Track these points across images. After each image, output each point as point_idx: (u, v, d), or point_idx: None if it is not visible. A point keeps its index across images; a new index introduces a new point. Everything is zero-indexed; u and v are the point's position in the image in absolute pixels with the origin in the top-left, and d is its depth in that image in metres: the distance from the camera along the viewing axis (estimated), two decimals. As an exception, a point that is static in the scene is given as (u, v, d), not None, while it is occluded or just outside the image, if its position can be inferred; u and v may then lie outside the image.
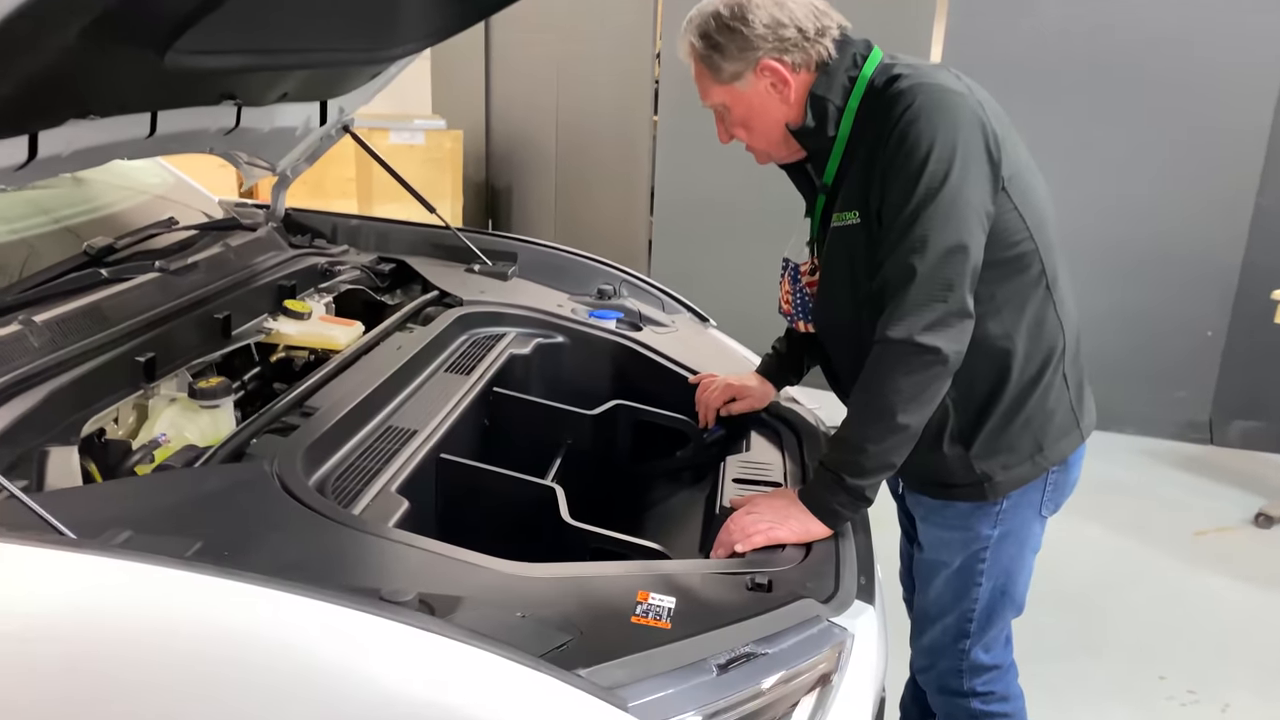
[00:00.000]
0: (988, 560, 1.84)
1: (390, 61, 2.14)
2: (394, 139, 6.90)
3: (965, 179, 1.56)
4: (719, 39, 1.64)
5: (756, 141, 1.75)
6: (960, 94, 1.61)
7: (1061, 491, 1.86)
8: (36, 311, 1.62)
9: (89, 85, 1.40)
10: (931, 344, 1.55)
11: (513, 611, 1.20)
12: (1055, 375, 1.76)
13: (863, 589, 1.49)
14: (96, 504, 1.26)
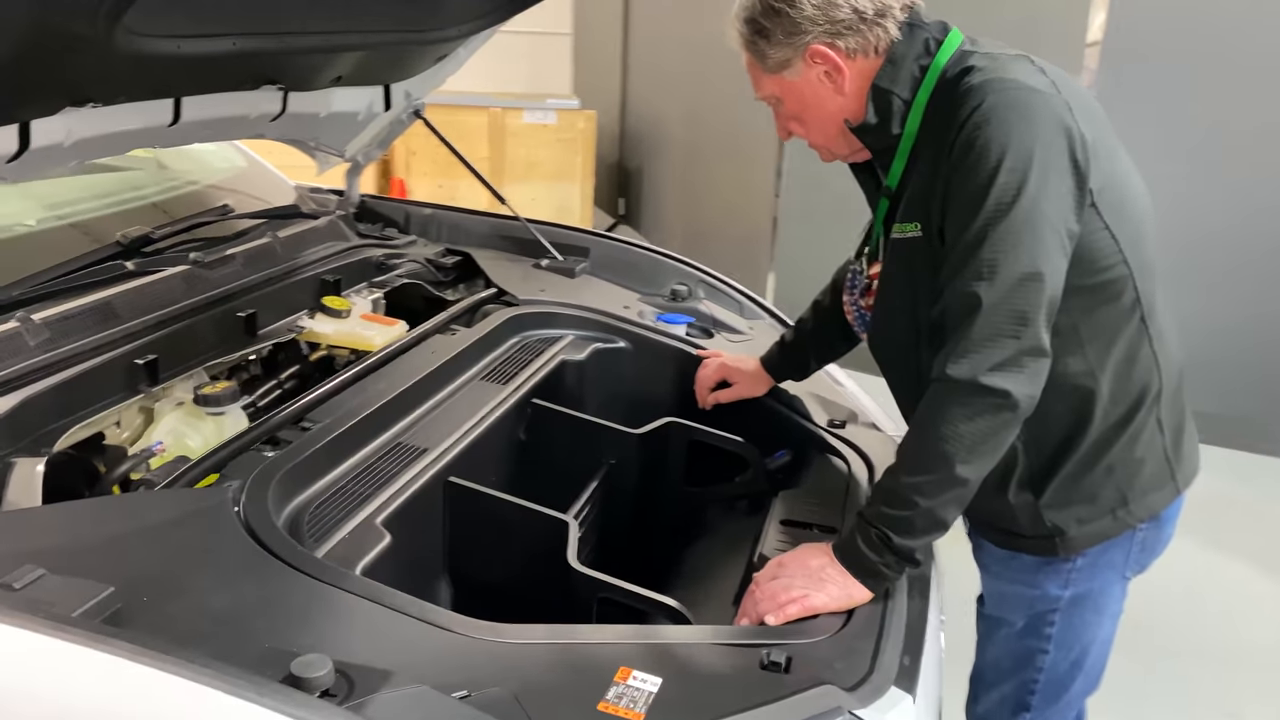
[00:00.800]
0: (1057, 625, 1.60)
1: (439, 43, 2.00)
2: (527, 118, 6.85)
3: (1043, 193, 1.31)
4: (765, 23, 1.45)
5: (814, 137, 1.54)
6: (1041, 92, 1.35)
7: (1150, 551, 1.59)
8: (42, 308, 1.55)
9: (67, 71, 1.30)
10: (999, 386, 1.30)
11: (455, 689, 1.03)
12: (1148, 419, 1.50)
13: (904, 671, 1.26)
14: (21, 532, 1.16)
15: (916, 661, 1.31)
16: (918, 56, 1.43)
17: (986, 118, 1.33)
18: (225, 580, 1.13)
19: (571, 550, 1.43)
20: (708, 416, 1.95)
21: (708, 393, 1.96)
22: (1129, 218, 1.43)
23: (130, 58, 1.28)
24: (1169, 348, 1.52)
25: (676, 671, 1.15)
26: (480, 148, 6.76)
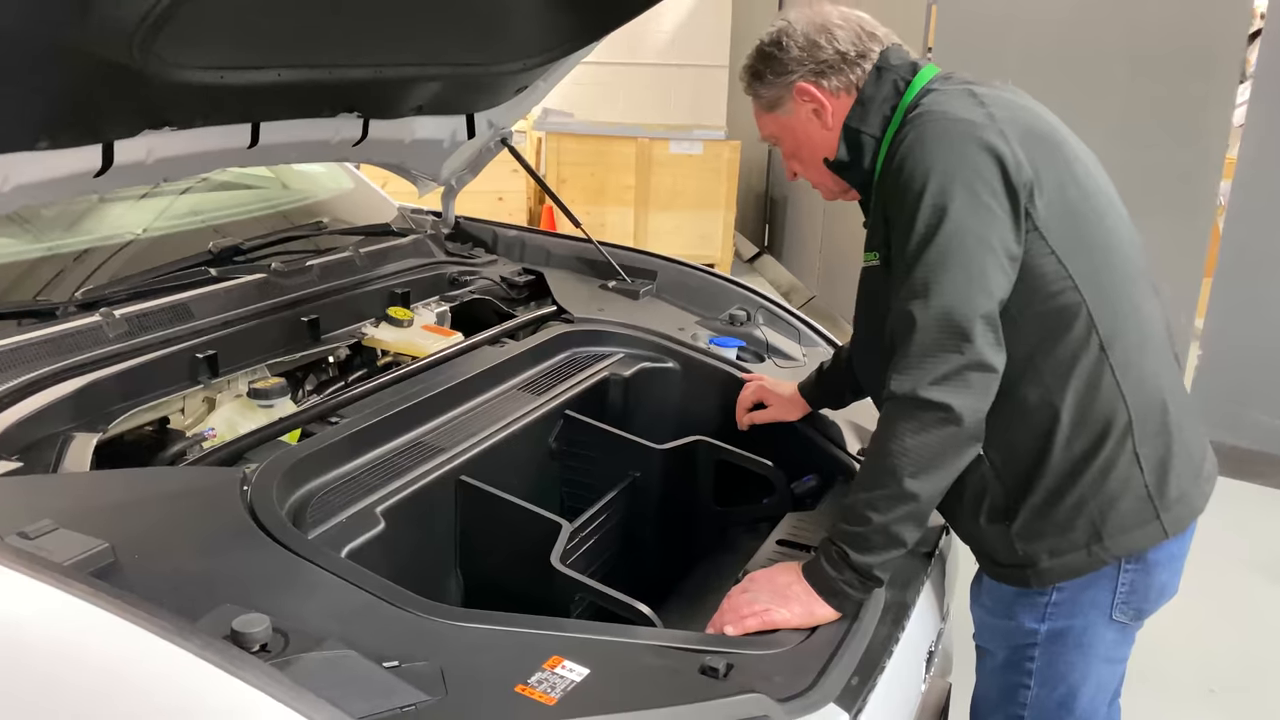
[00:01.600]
0: (1037, 661, 1.57)
1: (510, 75, 2.13)
2: (674, 148, 7.01)
3: (970, 214, 1.35)
4: (759, 66, 1.58)
5: (810, 174, 1.63)
6: (968, 120, 1.40)
7: (1143, 596, 1.54)
8: (127, 305, 1.77)
9: (136, 97, 1.50)
10: (940, 400, 1.33)
11: (388, 660, 1.13)
12: (1119, 453, 1.47)
13: (849, 691, 1.29)
14: (58, 491, 1.34)
15: (867, 684, 1.33)
16: (886, 98, 1.51)
17: (911, 148, 1.40)
18: (213, 549, 1.27)
19: (557, 551, 1.52)
20: (744, 439, 2.00)
21: (744, 413, 2.02)
22: (1086, 246, 1.44)
23: (183, 86, 1.47)
24: (1142, 380, 1.48)
25: (609, 666, 1.21)
26: (627, 177, 6.97)
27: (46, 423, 1.49)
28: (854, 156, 1.54)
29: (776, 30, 1.57)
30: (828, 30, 1.52)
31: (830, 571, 1.40)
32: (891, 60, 1.53)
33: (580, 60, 2.29)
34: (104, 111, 1.52)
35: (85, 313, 1.72)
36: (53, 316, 1.69)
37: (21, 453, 1.43)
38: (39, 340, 1.62)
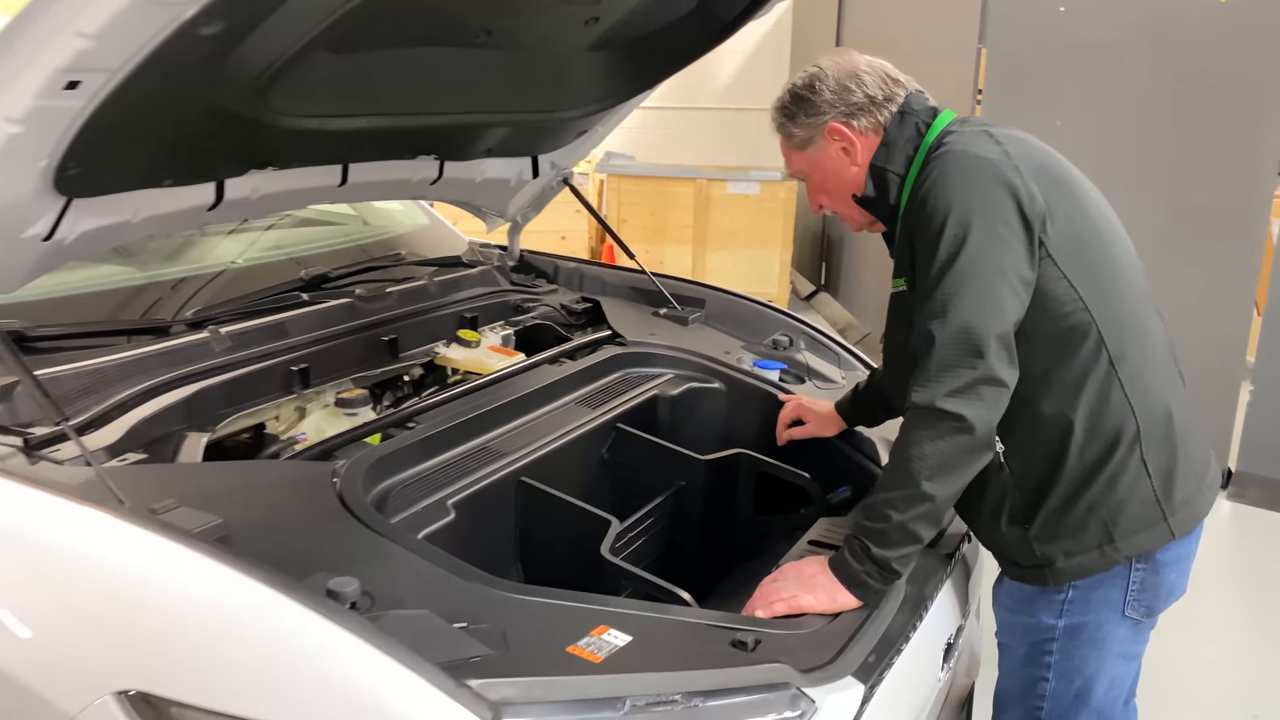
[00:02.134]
0: (1055, 655, 1.71)
1: (571, 121, 2.35)
2: (731, 189, 7.22)
3: (987, 243, 1.51)
4: (792, 108, 1.74)
5: (838, 207, 1.79)
6: (987, 159, 1.57)
7: (1153, 594, 1.67)
8: (231, 324, 2.00)
9: (245, 142, 1.73)
10: (955, 411, 1.48)
11: (458, 621, 1.32)
12: (1128, 460, 1.61)
13: (866, 666, 1.44)
14: (177, 478, 1.56)
15: (883, 662, 1.48)
16: (909, 139, 1.67)
17: (935, 182, 1.56)
18: (309, 528, 1.47)
19: (606, 544, 1.69)
20: (784, 453, 2.16)
21: (784, 429, 2.18)
22: (1093, 269, 1.59)
23: (286, 132, 1.69)
24: (1148, 392, 1.62)
25: (649, 636, 1.38)
26: (685, 216, 7.19)
27: (165, 422, 1.71)
28: (880, 192, 1.70)
29: (809, 75, 1.74)
30: (856, 76, 1.69)
31: (853, 564, 1.55)
32: (913, 105, 1.70)
33: (635, 106, 2.50)
34: (219, 154, 1.76)
35: (194, 330, 1.95)
36: (165, 333, 1.93)
37: (146, 446, 1.65)
38: (157, 353, 1.85)
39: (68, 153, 1.41)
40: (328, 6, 1.37)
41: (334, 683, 1.16)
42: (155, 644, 1.20)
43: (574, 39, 2.08)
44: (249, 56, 1.44)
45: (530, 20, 1.92)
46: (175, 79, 1.37)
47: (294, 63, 1.48)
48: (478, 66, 1.97)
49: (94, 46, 1.23)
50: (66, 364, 1.72)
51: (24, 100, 1.27)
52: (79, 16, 1.20)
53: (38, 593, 1.26)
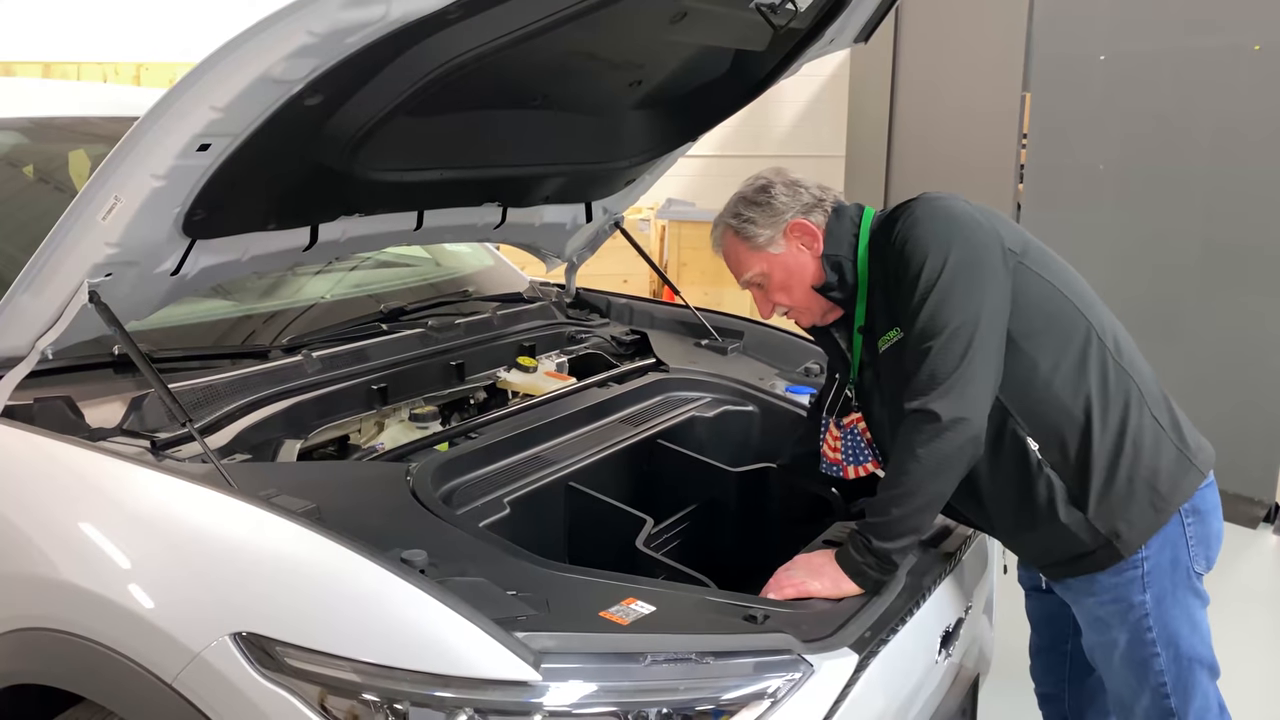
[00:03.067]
0: (1154, 629, 1.87)
1: (621, 170, 2.62)
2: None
3: (966, 263, 1.75)
4: (750, 213, 1.94)
5: (798, 301, 1.96)
6: (951, 201, 1.82)
7: (1207, 544, 1.89)
8: (321, 348, 2.30)
9: (336, 192, 2.03)
10: (937, 410, 1.71)
11: (511, 590, 1.57)
12: (1142, 420, 1.85)
13: (862, 641, 1.65)
14: (278, 473, 1.85)
15: (878, 639, 1.69)
16: (848, 230, 1.92)
17: (911, 226, 1.80)
18: (388, 515, 1.74)
19: (641, 538, 1.93)
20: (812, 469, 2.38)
21: None
22: (1059, 270, 1.85)
23: (372, 183, 1.99)
24: (1134, 361, 1.89)
25: (671, 608, 1.61)
26: (743, 259, 7.44)
27: (265, 430, 2.01)
28: (839, 275, 1.92)
29: (758, 184, 1.96)
30: (797, 182, 1.95)
31: (856, 556, 1.77)
32: (842, 203, 1.96)
33: (680, 156, 2.77)
34: (315, 202, 2.06)
35: (290, 354, 2.25)
36: (266, 356, 2.23)
37: (250, 449, 1.94)
38: (259, 373, 2.15)
39: (195, 201, 1.72)
40: (405, 81, 1.66)
41: (407, 628, 1.42)
42: (263, 595, 1.47)
43: (620, 99, 2.36)
44: (343, 122, 1.74)
45: (581, 85, 2.20)
46: (283, 140, 1.67)
47: (379, 126, 1.78)
48: (536, 125, 2.25)
49: (223, 116, 1.54)
50: (185, 381, 2.03)
51: (166, 160, 1.58)
52: (212, 92, 1.51)
53: (169, 556, 1.55)
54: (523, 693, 1.40)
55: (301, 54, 1.46)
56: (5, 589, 1.65)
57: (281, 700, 1.41)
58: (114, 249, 1.69)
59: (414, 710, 1.40)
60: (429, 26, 1.51)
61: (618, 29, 1.92)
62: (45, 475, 1.73)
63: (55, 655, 1.59)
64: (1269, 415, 4.51)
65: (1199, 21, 4.56)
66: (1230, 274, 4.58)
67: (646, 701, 1.45)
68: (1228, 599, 3.95)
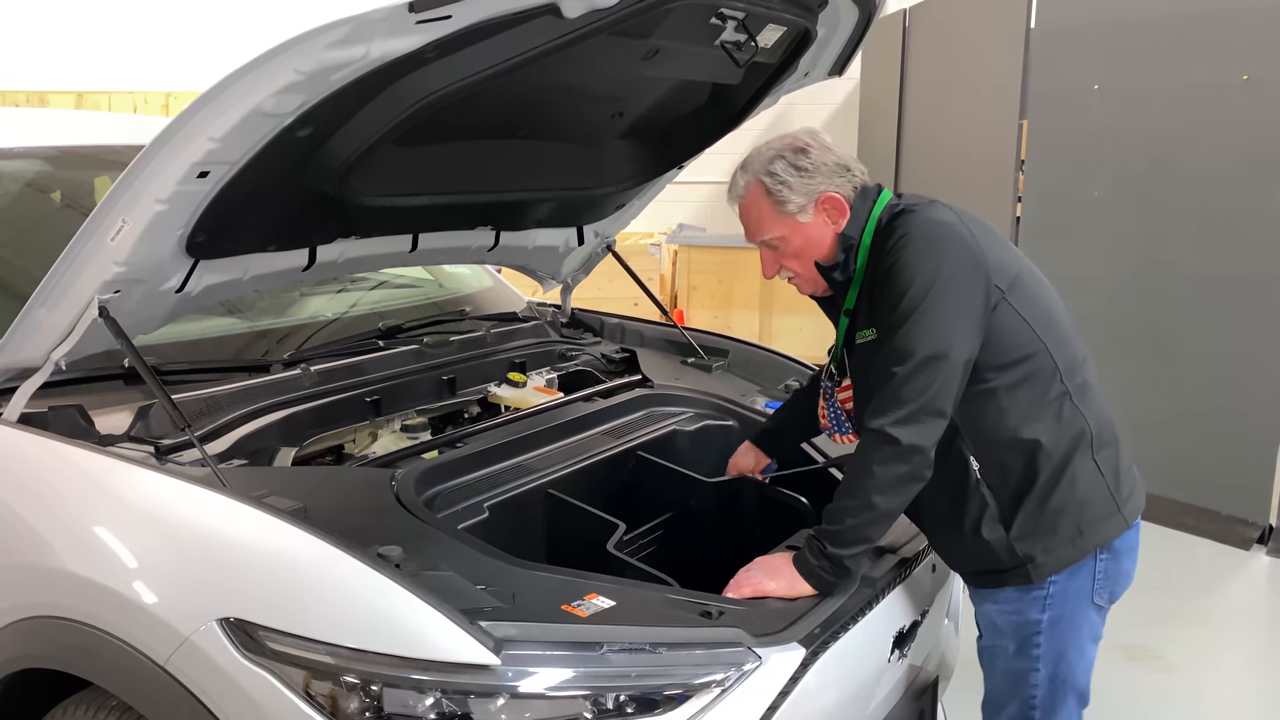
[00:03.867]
0: (1042, 646, 1.96)
1: (608, 196, 2.76)
2: (792, 257, 7.55)
3: (946, 295, 1.81)
4: (787, 176, 1.91)
5: (807, 270, 2.00)
6: (947, 223, 1.88)
7: (1115, 581, 1.96)
8: (319, 363, 2.43)
9: (333, 216, 2.18)
10: (896, 435, 1.79)
11: (477, 583, 1.69)
12: (1084, 462, 1.91)
13: (811, 636, 1.76)
14: (271, 477, 1.98)
15: (828, 636, 1.79)
16: (864, 212, 1.94)
17: (904, 244, 1.85)
18: (371, 516, 1.87)
19: (611, 542, 2.05)
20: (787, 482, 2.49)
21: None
22: (1039, 306, 1.91)
23: (365, 208, 2.13)
24: (1094, 404, 1.94)
25: (631, 603, 1.73)
26: (752, 283, 7.55)
27: (263, 439, 2.14)
28: (846, 257, 1.95)
29: (796, 144, 1.93)
30: (833, 150, 1.94)
31: (811, 559, 1.86)
32: (866, 180, 1.98)
33: (668, 182, 2.90)
34: (311, 226, 2.21)
35: (289, 368, 2.39)
36: (266, 370, 2.37)
37: (247, 456, 2.08)
38: (259, 385, 2.29)
39: (197, 224, 1.87)
40: (390, 114, 1.81)
41: (379, 615, 1.55)
42: (249, 584, 1.60)
43: (604, 129, 2.50)
44: (333, 150, 1.89)
45: (564, 117, 2.34)
46: (278, 168, 1.82)
47: (368, 154, 1.92)
48: (523, 153, 2.39)
49: (220, 146, 1.68)
50: (188, 392, 2.17)
51: (169, 186, 1.73)
52: (210, 125, 1.66)
53: (165, 549, 1.69)
54: (485, 676, 1.52)
55: (290, 90, 1.61)
56: (18, 580, 1.80)
57: (263, 680, 1.54)
58: (122, 267, 1.84)
59: (387, 691, 1.52)
60: (407, 65, 1.66)
61: (593, 65, 2.05)
62: (57, 477, 1.87)
63: (61, 641, 1.73)
64: (1261, 437, 4.57)
65: (1188, 53, 4.67)
66: (1222, 298, 4.66)
67: (602, 687, 1.57)
68: (1220, 620, 4.02)
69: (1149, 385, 4.83)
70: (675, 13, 1.85)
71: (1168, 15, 4.73)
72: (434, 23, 1.57)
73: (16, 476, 1.89)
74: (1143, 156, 4.86)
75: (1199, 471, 4.73)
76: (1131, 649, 3.62)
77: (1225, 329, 4.64)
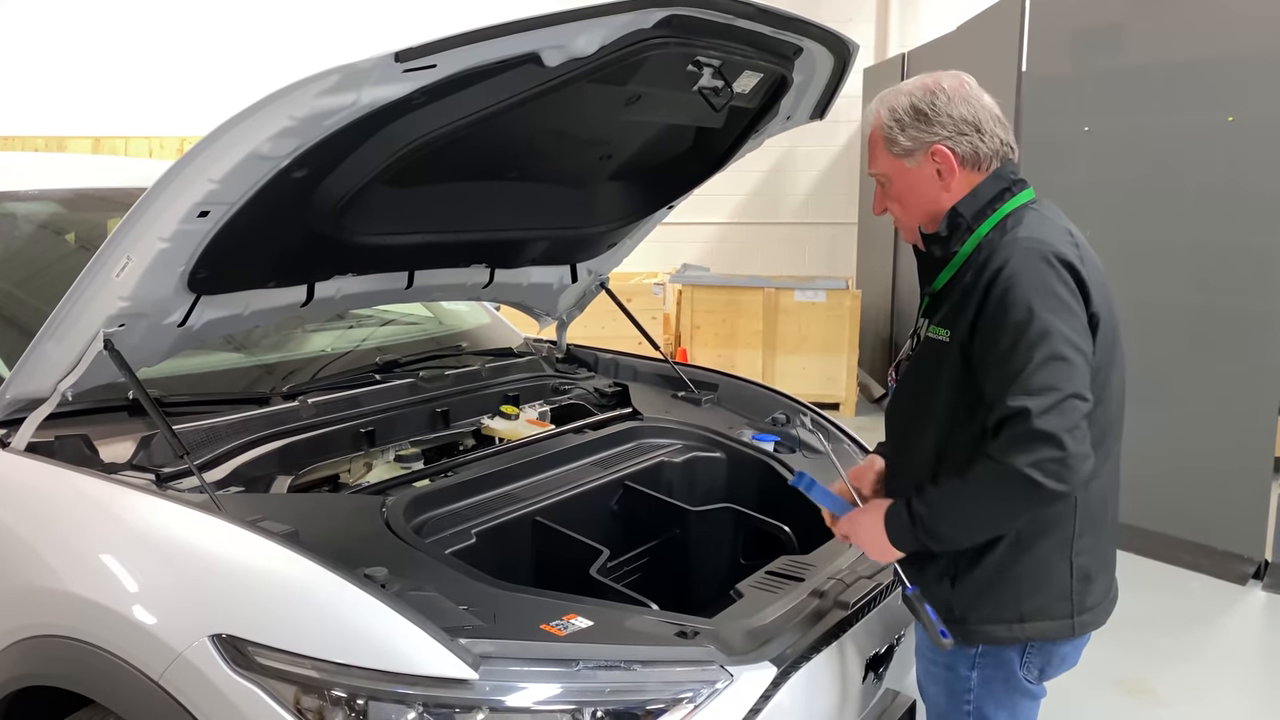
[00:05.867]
0: (973, 703, 1.91)
1: (600, 235, 2.85)
2: (798, 297, 7.66)
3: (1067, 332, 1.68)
4: (904, 116, 1.82)
5: (908, 219, 1.89)
6: (1065, 260, 1.74)
7: (1046, 661, 1.88)
8: (316, 395, 2.52)
9: (330, 254, 2.28)
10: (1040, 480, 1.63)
11: (460, 604, 1.76)
12: (1054, 554, 1.81)
13: (782, 657, 1.82)
14: (266, 504, 2.06)
15: (800, 656, 1.85)
16: (992, 199, 1.82)
17: (1016, 275, 1.70)
18: (360, 540, 1.94)
19: (595, 567, 2.12)
20: (770, 509, 2.55)
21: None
22: (1103, 368, 1.79)
23: (361, 246, 2.23)
24: (1100, 485, 1.80)
25: (608, 624, 1.79)
26: (755, 323, 7.66)
27: (260, 467, 2.23)
28: (950, 234, 1.82)
29: (936, 87, 1.82)
30: (973, 104, 1.81)
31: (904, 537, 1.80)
32: (1007, 170, 1.84)
33: (659, 221, 3.00)
34: (309, 263, 2.31)
35: (287, 400, 2.48)
36: (265, 402, 2.46)
37: (245, 483, 2.16)
38: (258, 416, 2.38)
39: (199, 261, 1.97)
40: (382, 156, 1.91)
41: (363, 632, 1.62)
42: (240, 602, 1.68)
43: (593, 171, 2.60)
44: (328, 191, 1.99)
45: (553, 159, 2.44)
46: (275, 208, 1.92)
47: (361, 194, 2.02)
48: (514, 194, 2.50)
49: (219, 187, 1.78)
50: (189, 422, 2.26)
51: (171, 225, 1.83)
52: (210, 167, 1.76)
53: (161, 570, 1.77)
54: (465, 690, 1.59)
55: (285, 134, 1.71)
56: (23, 600, 1.87)
57: (252, 695, 1.60)
58: (126, 302, 1.93)
59: (372, 705, 1.59)
60: (396, 111, 1.76)
61: (578, 110, 2.16)
62: (62, 503, 1.96)
63: (62, 659, 1.80)
64: (1255, 473, 4.60)
65: (1176, 96, 4.77)
66: (1216, 336, 4.72)
67: (578, 702, 1.64)
68: (1215, 654, 4.03)
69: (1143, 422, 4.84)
70: (652, 60, 1.95)
71: (1154, 62, 4.84)
72: (420, 71, 1.67)
73: (23, 502, 1.97)
74: (1133, 197, 4.95)
75: (1194, 506, 4.76)
76: (1125, 683, 3.64)
77: (1218, 366, 4.69)
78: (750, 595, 2.06)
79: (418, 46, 1.63)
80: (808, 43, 2.27)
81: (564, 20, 1.74)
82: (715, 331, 7.75)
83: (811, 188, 9.82)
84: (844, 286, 7.75)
